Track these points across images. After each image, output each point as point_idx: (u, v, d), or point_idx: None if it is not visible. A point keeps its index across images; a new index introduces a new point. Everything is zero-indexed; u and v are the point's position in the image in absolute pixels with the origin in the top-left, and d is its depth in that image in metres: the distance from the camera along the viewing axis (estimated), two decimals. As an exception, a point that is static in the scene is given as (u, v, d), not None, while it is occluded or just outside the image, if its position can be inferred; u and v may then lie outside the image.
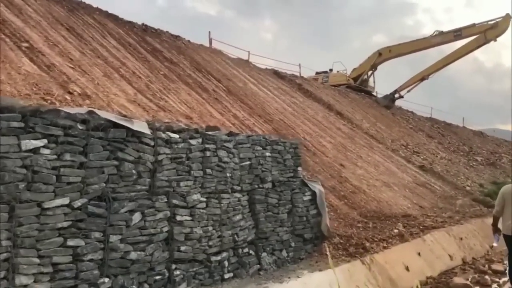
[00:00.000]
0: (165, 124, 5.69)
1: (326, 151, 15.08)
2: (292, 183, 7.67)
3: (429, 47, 27.21)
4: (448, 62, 27.38)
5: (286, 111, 17.22)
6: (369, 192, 13.40)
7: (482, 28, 25.63)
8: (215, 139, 6.10)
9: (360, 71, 29.15)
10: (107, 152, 4.62)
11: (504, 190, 7.02)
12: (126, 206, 4.75)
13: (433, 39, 26.78)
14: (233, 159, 6.42)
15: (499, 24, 25.21)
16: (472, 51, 26.76)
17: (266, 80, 20.26)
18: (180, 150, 5.50)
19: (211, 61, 17.93)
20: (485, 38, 25.41)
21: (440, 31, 26.82)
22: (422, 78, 28.09)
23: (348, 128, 19.29)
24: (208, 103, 12.86)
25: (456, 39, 26.50)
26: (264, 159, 7.05)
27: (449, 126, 31.72)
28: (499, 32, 25.30)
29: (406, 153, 19.77)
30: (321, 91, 23.43)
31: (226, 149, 6.27)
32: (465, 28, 26.23)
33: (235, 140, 6.57)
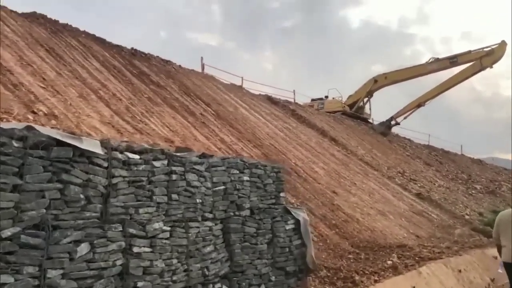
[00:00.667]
0: (124, 143, 5.12)
1: (318, 178, 14.49)
2: (273, 211, 7.06)
3: (425, 74, 26.98)
4: (444, 89, 27.11)
5: (277, 136, 16.71)
6: (363, 221, 12.74)
7: (478, 55, 25.49)
8: (184, 161, 5.53)
9: (356, 98, 28.84)
10: (49, 173, 4.04)
11: (500, 217, 6.76)
12: (70, 236, 4.14)
13: (429, 66, 26.57)
14: (205, 184, 5.84)
15: (495, 51, 25.08)
16: (469, 77, 26.53)
17: (258, 106, 19.85)
18: (140, 173, 4.93)
19: (201, 86, 17.55)
20: (481, 65, 25.27)
21: (435, 58, 26.64)
22: (418, 104, 27.78)
23: (342, 155, 18.74)
24: (194, 126, 12.36)
25: (452, 66, 26.32)
26: (241, 184, 6.47)
27: (447, 154, 31.20)
28: (495, 59, 25.15)
29: (403, 181, 19.16)
30: (315, 117, 23.00)
31: (196, 172, 5.71)
32: (461, 55, 26.07)
33: (208, 162, 6.01)
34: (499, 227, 6.66)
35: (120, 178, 4.69)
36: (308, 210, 11.44)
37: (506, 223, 6.51)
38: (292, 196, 11.73)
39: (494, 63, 25.32)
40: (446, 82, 26.97)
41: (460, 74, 26.32)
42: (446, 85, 26.98)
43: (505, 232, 6.47)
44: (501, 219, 6.70)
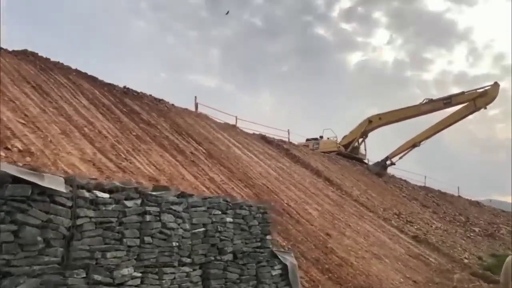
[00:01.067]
0: (93, 181, 4.78)
1: (311, 219, 14.04)
2: (258, 255, 6.64)
3: (419, 114, 26.99)
4: (439, 129, 27.05)
5: (270, 175, 16.36)
6: (357, 265, 12.20)
7: (471, 96, 25.59)
8: (160, 200, 5.18)
9: (351, 138, 28.69)
10: (1, 213, 3.68)
11: (508, 262, 6.20)
12: (24, 284, 3.73)
13: (423, 107, 26.63)
14: (183, 225, 5.46)
15: (488, 92, 25.19)
16: (463, 118, 26.56)
17: (252, 145, 19.60)
18: (109, 213, 4.58)
19: (194, 125, 17.34)
20: (475, 105, 25.31)
21: (429, 99, 26.74)
22: (413, 145, 27.62)
23: (336, 195, 18.33)
24: (183, 165, 12.03)
25: (446, 107, 26.37)
26: (223, 226, 6.08)
27: (444, 195, 30.71)
28: (488, 100, 25.23)
29: (399, 223, 18.67)
30: (309, 156, 22.73)
31: (173, 212, 5.34)
32: (454, 96, 26.18)
33: (187, 202, 5.65)
34: (509, 272, 6.16)
35: (86, 219, 4.33)
36: (300, 254, 10.96)
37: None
38: (283, 239, 11.27)
39: (488, 104, 25.40)
40: (441, 122, 26.95)
41: (455, 115, 26.36)
42: (440, 125, 26.94)
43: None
44: (509, 264, 6.22)
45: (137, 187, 5.13)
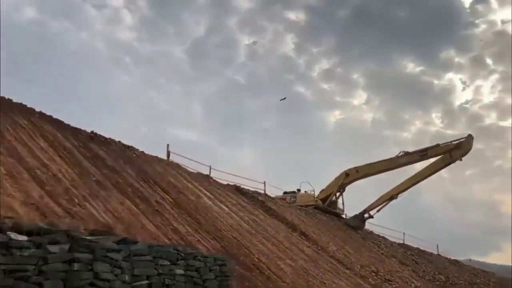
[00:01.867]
0: (10, 220, 4.04)
1: (283, 276, 13.13)
2: (213, 313, 5.79)
3: (395, 167, 26.93)
4: (416, 181, 26.87)
5: (242, 228, 15.52)
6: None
7: (447, 148, 25.84)
8: (93, 246, 4.43)
9: (328, 192, 28.16)
10: None
11: None
12: None
13: (399, 159, 26.61)
14: (121, 276, 4.68)
15: (462, 145, 25.51)
16: (439, 170, 26.71)
17: (225, 196, 18.83)
18: (26, 259, 3.80)
19: (163, 173, 16.61)
20: (451, 157, 25.52)
21: (405, 151, 26.78)
22: (391, 197, 27.25)
23: (312, 251, 17.49)
24: (145, 214, 11.21)
25: (422, 159, 26.44)
26: (172, 278, 5.31)
27: (423, 253, 29.92)
28: (463, 152, 25.49)
29: (377, 281, 17.78)
30: (285, 210, 21.99)
31: (110, 261, 4.57)
32: (430, 149, 26.36)
33: (129, 250, 4.89)
34: None
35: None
36: (268, 313, 10.05)
37: None
38: (251, 297, 10.37)
39: (463, 155, 25.60)
40: (418, 174, 26.88)
41: (431, 167, 26.40)
42: (417, 177, 26.85)
43: None
44: None
45: (67, 230, 4.39)
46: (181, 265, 5.41)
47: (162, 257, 5.19)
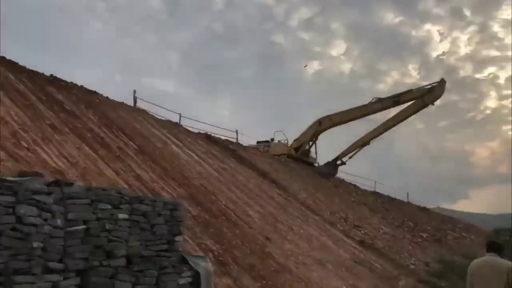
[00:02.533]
0: None
1: (251, 222, 12.99)
2: (163, 260, 5.46)
3: (368, 114, 26.80)
4: (388, 127, 26.87)
5: (211, 176, 15.21)
6: (297, 272, 11.24)
7: (419, 93, 25.74)
8: (16, 188, 3.93)
9: (301, 141, 27.98)
10: None
11: (473, 266, 5.59)
12: None
13: (372, 106, 26.44)
14: (52, 221, 4.23)
15: (435, 89, 25.42)
16: (412, 115, 26.67)
17: (194, 144, 18.38)
18: None
19: (128, 119, 15.95)
20: (423, 102, 25.44)
21: (378, 98, 26.60)
22: (363, 143, 27.31)
23: (282, 198, 17.41)
24: (104, 160, 10.68)
25: (395, 105, 26.30)
26: (114, 223, 4.90)
27: (394, 201, 30.50)
28: (435, 97, 25.46)
29: (346, 227, 17.96)
30: (257, 158, 21.76)
31: (37, 204, 4.09)
32: (403, 94, 26.24)
33: (62, 192, 4.41)
34: (475, 279, 5.44)
35: None
36: (232, 259, 9.88)
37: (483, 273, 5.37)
38: (215, 243, 10.14)
39: (435, 100, 25.62)
40: (390, 119, 26.89)
41: (403, 112, 26.36)
42: (390, 122, 26.86)
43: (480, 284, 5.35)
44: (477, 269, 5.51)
45: (-18, 169, 3.86)
46: (125, 210, 4.99)
47: (103, 201, 4.73)
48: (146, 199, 5.41)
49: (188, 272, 5.68)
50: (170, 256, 5.59)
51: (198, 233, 10.08)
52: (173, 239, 5.71)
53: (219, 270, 8.84)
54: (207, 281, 5.78)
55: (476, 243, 29.63)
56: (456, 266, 18.46)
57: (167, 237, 5.62)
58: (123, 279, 4.87)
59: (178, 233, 5.80)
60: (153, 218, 5.44)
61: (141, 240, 5.26)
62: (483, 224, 38.15)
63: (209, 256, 9.20)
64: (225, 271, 9.01)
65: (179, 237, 5.81)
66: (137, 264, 5.12)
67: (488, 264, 5.41)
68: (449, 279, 16.36)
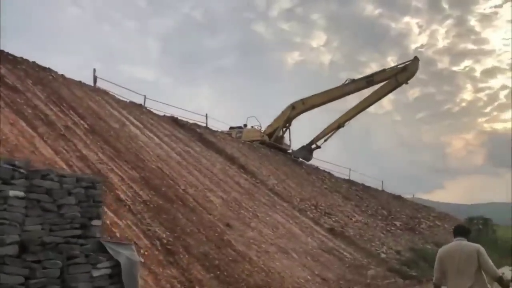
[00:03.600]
0: None
1: (211, 208, 12.10)
2: (72, 248, 4.51)
3: (342, 95, 26.08)
4: (362, 108, 26.21)
5: (171, 159, 14.23)
6: (257, 260, 10.43)
7: (393, 71, 25.06)
8: None
9: (275, 126, 27.10)
10: None
11: (442, 252, 5.21)
12: None
13: (346, 87, 25.71)
14: None
15: (408, 67, 24.73)
16: (386, 95, 26.06)
17: (158, 126, 17.32)
18: None
19: (83, 98, 14.80)
20: (397, 81, 24.75)
21: (352, 79, 25.89)
22: (338, 126, 26.58)
23: (249, 183, 16.56)
24: (42, 138, 9.60)
25: (368, 85, 25.52)
26: (3, 202, 3.91)
27: (368, 189, 29.99)
28: (409, 75, 24.77)
29: (315, 214, 17.23)
30: (226, 143, 20.81)
31: None
32: (376, 74, 25.55)
33: None
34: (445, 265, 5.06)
35: None
36: (184, 248, 8.96)
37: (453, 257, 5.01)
38: (165, 230, 9.22)
39: (409, 79, 24.94)
40: (364, 100, 26.18)
41: (378, 92, 25.64)
42: (364, 103, 26.16)
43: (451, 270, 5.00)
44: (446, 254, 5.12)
45: None
46: (20, 186, 4.01)
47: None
48: (51, 174, 4.43)
49: (106, 263, 4.73)
50: (84, 243, 4.64)
51: (147, 219, 9.13)
52: (89, 223, 4.75)
53: (165, 260, 7.94)
54: (128, 273, 4.84)
55: (449, 231, 29.52)
56: (428, 254, 18.00)
57: (80, 220, 4.66)
58: (10, 272, 3.90)
59: (96, 216, 4.84)
60: (60, 197, 4.48)
61: (43, 224, 4.30)
62: (458, 214, 38.16)
63: (156, 244, 8.32)
64: (173, 260, 8.11)
65: (96, 221, 4.85)
66: (34, 253, 4.15)
67: (457, 248, 5.04)
68: (420, 267, 15.84)
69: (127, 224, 8.23)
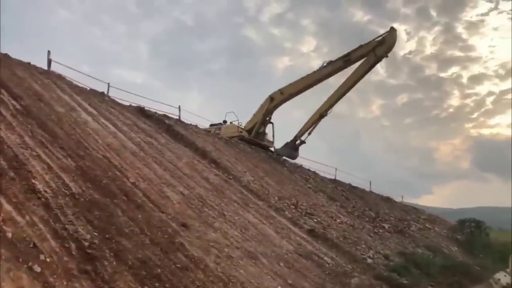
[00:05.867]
0: None
1: (166, 205, 10.17)
2: None
3: (321, 79, 24.29)
4: (343, 91, 24.53)
5: (125, 149, 12.29)
6: (215, 268, 8.52)
7: (370, 46, 23.28)
8: None
9: (254, 121, 25.26)
10: None
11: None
12: None
13: (323, 70, 24.00)
14: None
15: (386, 39, 23.00)
16: (366, 73, 24.06)
17: (118, 115, 15.38)
18: None
19: (25, 79, 12.86)
20: (376, 55, 23.04)
21: (329, 61, 24.20)
22: (320, 115, 24.81)
23: (220, 179, 14.64)
24: None
25: (346, 65, 23.81)
26: None
27: (355, 190, 28.24)
28: (387, 47, 23.05)
29: (294, 214, 15.36)
30: (198, 136, 18.89)
31: None
32: (353, 51, 23.70)
33: None
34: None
35: None
36: (113, 253, 7.01)
37: None
38: (94, 229, 7.28)
39: (388, 51, 23.19)
40: (343, 83, 24.46)
41: (357, 71, 23.88)
42: (344, 86, 24.44)
43: None
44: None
45: None
46: None
47: None
48: None
49: None
50: None
51: (70, 216, 7.20)
52: None
53: (77, 269, 6.00)
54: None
55: (440, 234, 27.86)
56: (419, 259, 16.23)
57: None
58: None
59: None
60: None
61: None
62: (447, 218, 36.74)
63: (69, 248, 6.37)
64: (91, 269, 6.17)
65: None
66: None
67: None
68: (411, 274, 14.04)
69: (30, 222, 6.29)
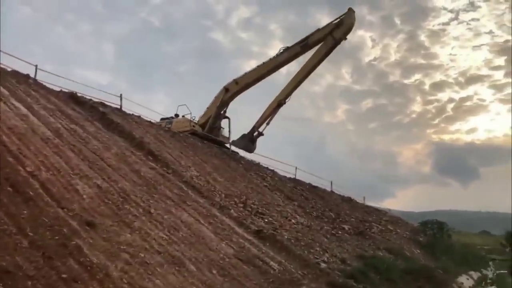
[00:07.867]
0: None
1: (70, 199, 8.23)
2: None
3: (278, 66, 22.99)
4: (301, 78, 23.18)
5: (34, 134, 10.26)
6: (119, 277, 6.66)
7: (328, 29, 22.22)
8: None
9: (209, 114, 23.45)
10: None
11: None
12: None
13: (280, 57, 22.66)
14: None
15: (344, 21, 21.98)
16: (324, 57, 22.84)
17: (39, 98, 13.26)
18: None
19: None
20: (334, 38, 21.91)
21: (286, 47, 22.85)
22: (278, 104, 23.36)
23: (155, 173, 12.73)
24: None
25: (304, 50, 22.54)
26: None
27: (315, 189, 26.78)
28: (346, 29, 22.02)
29: (242, 213, 13.60)
30: (138, 126, 16.90)
31: None
32: (310, 35, 22.46)
33: None
34: None
35: None
36: None
37: None
38: None
39: (347, 33, 22.17)
40: (301, 69, 23.15)
41: (314, 56, 22.62)
42: (301, 73, 23.11)
43: None
44: None
45: None
46: None
47: None
48: None
49: None
50: None
51: None
52: None
53: None
54: None
55: (402, 236, 26.79)
56: (380, 263, 14.78)
57: None
58: None
59: None
60: None
61: None
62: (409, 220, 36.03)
63: None
64: None
65: None
66: None
67: None
68: (370, 280, 12.54)
69: None
